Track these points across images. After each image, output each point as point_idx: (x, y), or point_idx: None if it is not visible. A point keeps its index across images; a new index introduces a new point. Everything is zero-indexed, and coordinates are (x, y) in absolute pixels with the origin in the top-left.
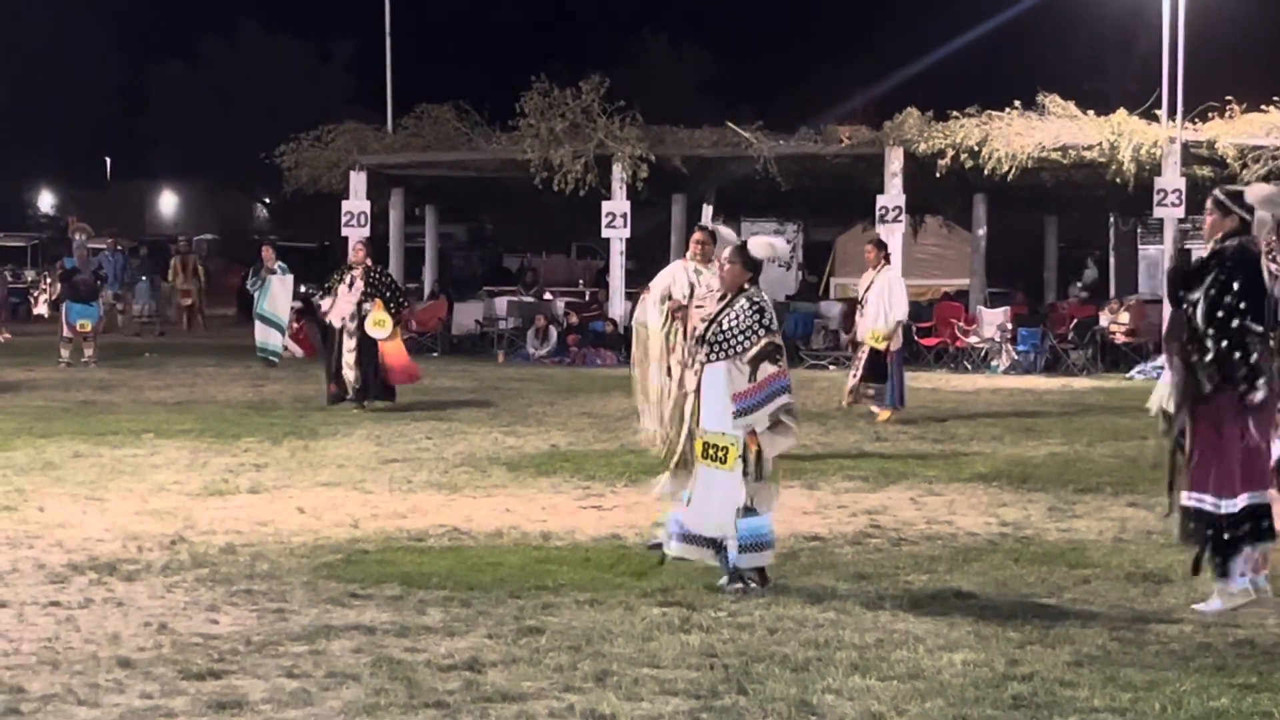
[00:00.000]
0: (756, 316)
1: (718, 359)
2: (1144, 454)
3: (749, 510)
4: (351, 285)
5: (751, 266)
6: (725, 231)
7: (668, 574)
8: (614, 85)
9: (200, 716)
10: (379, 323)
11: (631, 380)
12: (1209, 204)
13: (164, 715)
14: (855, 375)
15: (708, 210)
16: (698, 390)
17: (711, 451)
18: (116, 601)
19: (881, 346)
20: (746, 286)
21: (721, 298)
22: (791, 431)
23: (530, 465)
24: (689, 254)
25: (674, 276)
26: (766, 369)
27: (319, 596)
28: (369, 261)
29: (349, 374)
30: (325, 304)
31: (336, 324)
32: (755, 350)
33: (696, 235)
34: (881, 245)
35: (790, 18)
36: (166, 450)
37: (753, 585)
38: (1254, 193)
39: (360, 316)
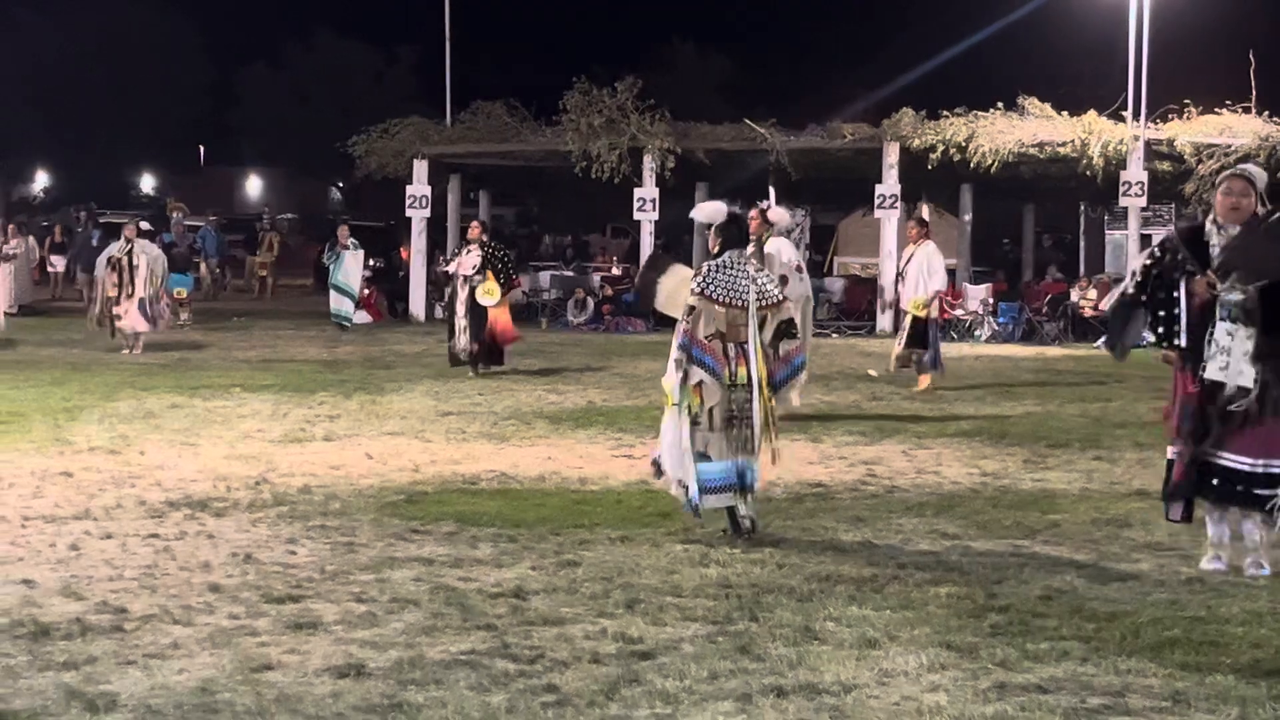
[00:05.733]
0: (694, 280)
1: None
2: (1107, 414)
3: (703, 456)
4: (469, 255)
5: (719, 233)
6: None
7: (689, 517)
8: (646, 86)
9: (280, 634)
10: (488, 292)
11: None
12: (1241, 185)
13: (248, 634)
14: (900, 343)
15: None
16: None
17: (665, 397)
18: (207, 534)
19: (922, 314)
20: (713, 251)
21: None
22: (708, 386)
23: (569, 419)
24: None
25: None
26: (680, 326)
27: (384, 532)
28: (484, 238)
29: (461, 339)
30: (451, 266)
31: (460, 275)
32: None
33: (750, 213)
34: (923, 223)
35: (802, 29)
36: (252, 403)
37: (727, 531)
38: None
39: (472, 287)
